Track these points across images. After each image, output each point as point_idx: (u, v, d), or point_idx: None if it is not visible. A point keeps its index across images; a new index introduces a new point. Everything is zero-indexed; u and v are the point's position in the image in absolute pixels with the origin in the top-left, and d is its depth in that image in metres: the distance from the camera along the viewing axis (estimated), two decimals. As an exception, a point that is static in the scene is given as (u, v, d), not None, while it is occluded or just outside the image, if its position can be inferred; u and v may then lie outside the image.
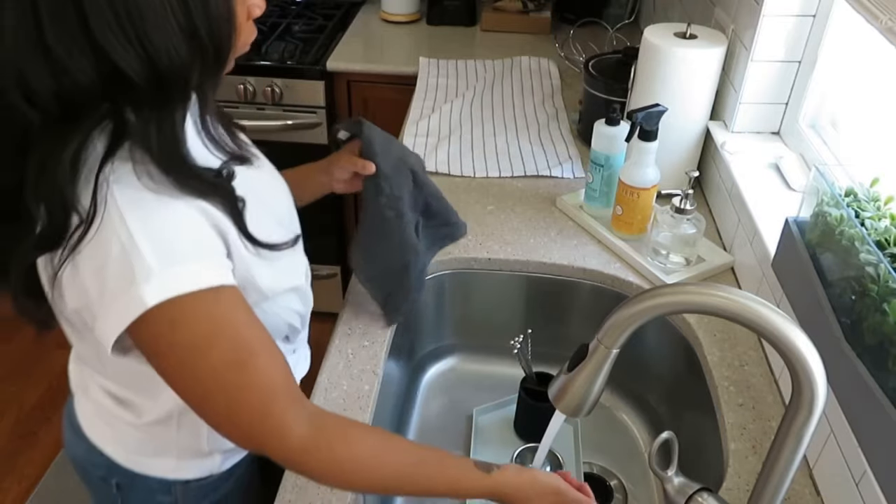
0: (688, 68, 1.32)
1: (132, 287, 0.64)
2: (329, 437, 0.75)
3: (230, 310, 0.71)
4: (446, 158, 1.57)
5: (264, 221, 0.78)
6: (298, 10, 2.40)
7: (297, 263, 0.90)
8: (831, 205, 0.87)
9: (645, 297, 0.66)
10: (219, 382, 0.70)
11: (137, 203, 0.65)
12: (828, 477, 0.89)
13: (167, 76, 0.63)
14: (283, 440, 0.72)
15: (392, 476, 0.79)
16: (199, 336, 0.68)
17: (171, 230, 0.67)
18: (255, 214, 0.75)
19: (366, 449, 0.77)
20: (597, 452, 1.21)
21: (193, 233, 0.68)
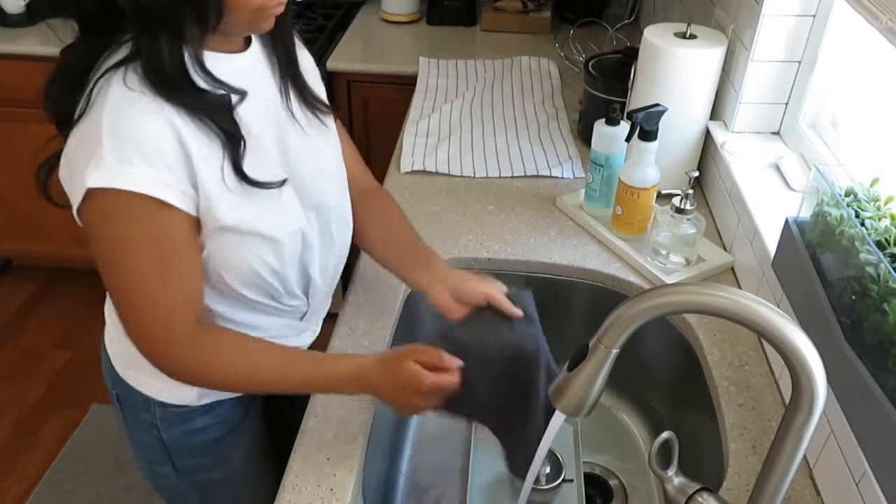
0: (688, 68, 1.32)
1: (85, 169, 0.74)
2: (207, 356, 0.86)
3: (165, 226, 0.79)
4: (446, 158, 1.57)
5: (253, 157, 0.85)
6: (298, 10, 2.40)
7: (278, 215, 0.90)
8: (831, 205, 0.87)
9: (645, 297, 0.66)
10: (136, 283, 0.81)
11: (119, 103, 0.75)
12: (828, 477, 0.89)
13: (148, 13, 0.74)
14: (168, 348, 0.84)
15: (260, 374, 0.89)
16: (127, 235, 0.78)
17: (136, 133, 0.75)
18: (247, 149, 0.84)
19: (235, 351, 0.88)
20: (597, 452, 1.21)
21: (156, 143, 0.76)
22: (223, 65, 0.83)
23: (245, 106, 0.85)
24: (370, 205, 1.11)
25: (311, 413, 0.99)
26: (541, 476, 1.10)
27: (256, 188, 0.85)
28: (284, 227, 0.91)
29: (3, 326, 2.55)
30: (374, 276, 1.23)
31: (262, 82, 0.91)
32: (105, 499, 1.99)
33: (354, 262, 1.29)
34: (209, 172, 0.80)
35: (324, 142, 1.00)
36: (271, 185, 0.87)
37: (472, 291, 0.98)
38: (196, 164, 0.79)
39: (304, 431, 0.97)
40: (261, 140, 0.87)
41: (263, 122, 0.89)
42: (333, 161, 1.02)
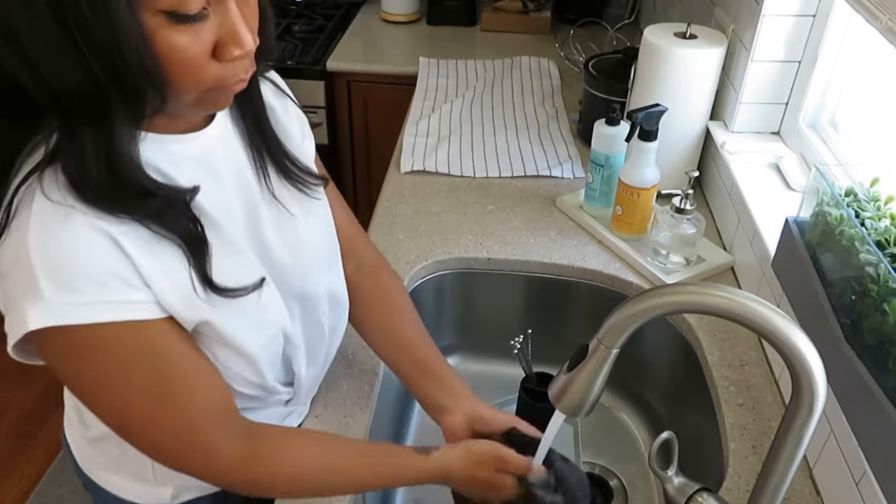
0: (688, 68, 1.32)
1: (25, 304, 0.61)
2: (265, 447, 0.75)
3: (150, 343, 0.67)
4: (446, 158, 1.57)
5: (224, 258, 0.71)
6: (298, 10, 2.40)
7: (253, 322, 0.76)
8: (831, 205, 0.87)
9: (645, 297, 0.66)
10: (136, 415, 0.69)
11: (45, 220, 0.60)
12: (828, 477, 0.89)
13: (67, 98, 0.58)
14: (211, 464, 0.73)
15: (336, 478, 0.80)
16: (110, 369, 0.66)
17: (72, 256, 0.61)
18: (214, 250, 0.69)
19: (306, 455, 0.78)
20: (597, 452, 1.21)
21: (97, 261, 0.62)
22: (176, 148, 0.68)
23: (209, 194, 0.70)
24: (372, 290, 0.98)
25: (311, 413, 0.99)
26: (541, 476, 1.10)
27: (230, 297, 0.71)
28: (259, 338, 0.77)
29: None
30: (374, 276, 1.23)
31: (230, 162, 0.75)
32: (105, 499, 1.99)
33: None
34: (165, 283, 0.66)
35: (311, 221, 0.84)
36: (245, 291, 0.72)
37: (493, 419, 0.90)
38: (145, 273, 0.64)
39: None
40: (230, 233, 0.72)
41: (232, 210, 0.74)
42: (322, 241, 0.88)
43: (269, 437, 0.77)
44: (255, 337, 0.76)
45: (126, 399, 0.67)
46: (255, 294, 0.73)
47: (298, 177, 0.82)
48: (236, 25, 0.61)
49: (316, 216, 0.86)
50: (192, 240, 0.67)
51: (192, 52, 0.59)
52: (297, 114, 0.88)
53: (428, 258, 1.28)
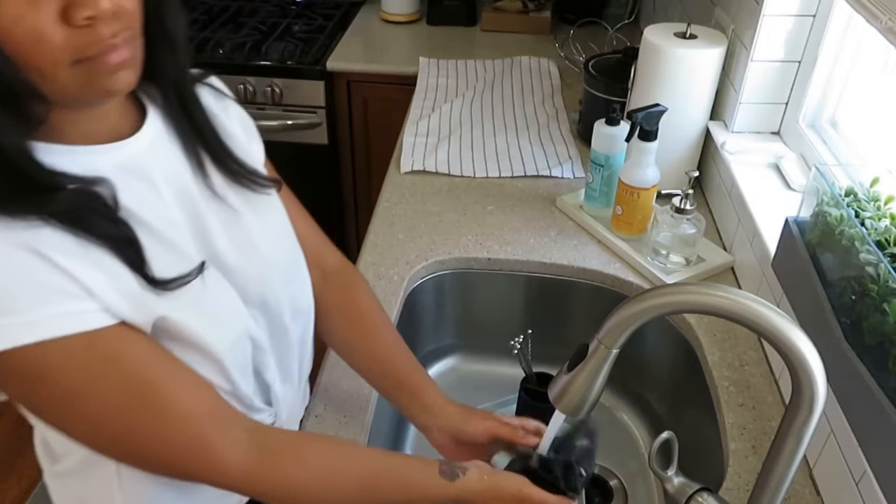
0: (688, 68, 1.32)
1: None
2: (277, 456, 0.70)
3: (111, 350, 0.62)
4: (446, 158, 1.57)
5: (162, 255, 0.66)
6: (298, 10, 2.40)
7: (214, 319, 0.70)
8: (831, 205, 0.87)
9: (645, 297, 0.66)
10: (120, 426, 0.64)
11: None
12: (828, 477, 0.89)
13: None
14: (222, 470, 0.68)
15: (352, 492, 0.75)
16: (76, 385, 0.61)
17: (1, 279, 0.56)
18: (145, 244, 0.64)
19: (322, 465, 0.73)
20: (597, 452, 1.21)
21: (30, 278, 0.57)
22: (98, 159, 0.64)
23: (144, 202, 0.66)
24: (341, 300, 0.93)
25: (311, 413, 0.99)
26: (541, 476, 1.10)
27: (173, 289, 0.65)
28: (225, 338, 0.72)
29: None
30: (373, 275, 1.24)
31: (167, 168, 0.70)
32: (105, 499, 1.99)
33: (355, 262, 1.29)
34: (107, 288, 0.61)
35: (262, 221, 0.78)
36: (187, 278, 0.67)
37: (474, 432, 0.88)
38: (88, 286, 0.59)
39: (305, 431, 0.96)
40: (171, 238, 0.67)
41: (174, 218, 0.69)
42: (278, 243, 0.81)
43: (280, 440, 0.73)
44: (219, 336, 0.70)
45: (100, 414, 0.63)
46: (199, 283, 0.68)
47: (244, 176, 0.77)
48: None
49: (266, 216, 0.80)
50: (120, 241, 0.62)
51: (31, 19, 0.53)
52: (240, 115, 0.84)
53: (428, 258, 1.28)
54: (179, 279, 0.66)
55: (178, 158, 0.72)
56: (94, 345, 0.61)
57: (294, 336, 0.84)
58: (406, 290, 1.23)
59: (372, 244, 1.31)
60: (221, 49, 2.09)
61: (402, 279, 1.23)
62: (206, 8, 2.38)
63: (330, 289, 0.92)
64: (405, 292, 1.22)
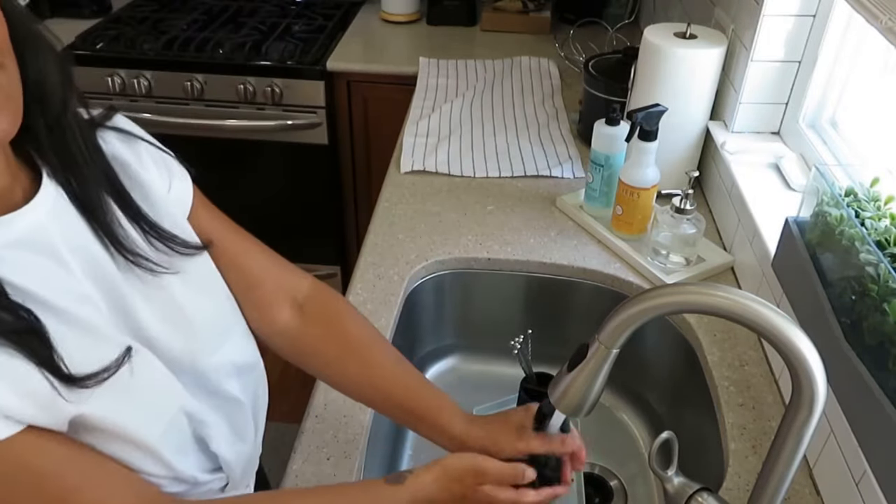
0: (688, 68, 1.32)
1: None
2: None
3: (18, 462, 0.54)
4: (446, 158, 1.57)
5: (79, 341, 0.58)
6: (298, 10, 2.40)
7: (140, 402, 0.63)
8: (831, 205, 0.87)
9: (645, 297, 0.66)
10: None
11: None
12: (828, 477, 0.89)
13: None
14: None
15: None
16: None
17: None
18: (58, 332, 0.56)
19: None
20: (597, 452, 1.21)
21: None
22: None
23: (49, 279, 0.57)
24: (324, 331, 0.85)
25: (311, 413, 0.99)
26: (541, 476, 1.10)
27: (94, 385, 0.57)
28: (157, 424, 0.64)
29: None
30: (373, 275, 1.24)
31: (71, 237, 0.61)
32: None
33: (355, 262, 1.29)
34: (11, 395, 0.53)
35: (187, 280, 0.70)
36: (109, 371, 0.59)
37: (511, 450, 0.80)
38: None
39: (304, 431, 0.97)
40: (84, 318, 0.59)
41: (86, 293, 0.61)
42: (209, 301, 0.74)
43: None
44: (148, 424, 0.63)
45: None
46: (126, 371, 0.60)
47: (162, 242, 0.68)
48: None
49: (190, 273, 0.71)
50: (20, 333, 0.53)
51: None
52: (155, 157, 0.72)
53: (428, 258, 1.28)
54: (101, 372, 0.58)
55: (84, 228, 0.63)
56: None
57: (242, 396, 0.77)
58: (406, 290, 1.23)
59: (372, 244, 1.31)
60: (221, 49, 2.09)
61: (402, 279, 1.23)
62: (206, 8, 2.38)
63: (310, 323, 0.84)
64: (405, 292, 1.22)
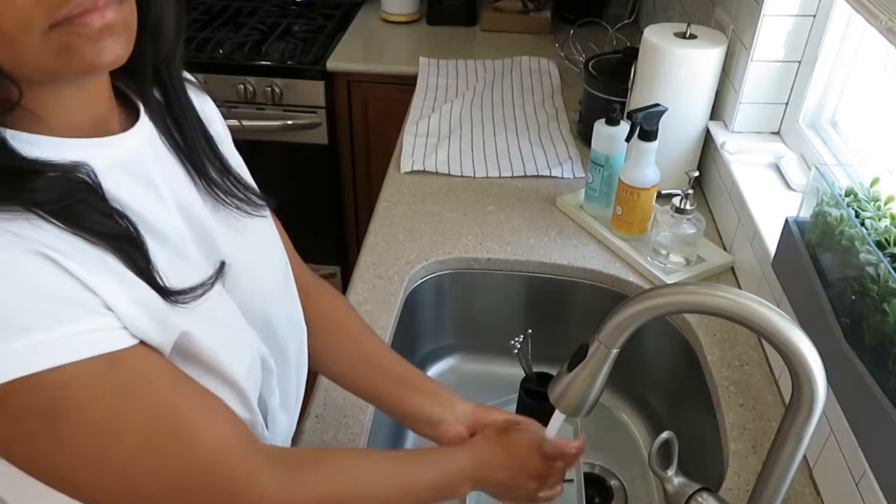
0: (688, 68, 1.32)
1: None
2: (306, 473, 0.65)
3: (135, 376, 0.54)
4: (446, 158, 1.57)
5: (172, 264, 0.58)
6: (298, 10, 2.40)
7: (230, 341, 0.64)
8: (831, 205, 0.87)
9: (645, 297, 0.66)
10: (140, 471, 0.54)
11: None
12: (828, 477, 0.89)
13: None
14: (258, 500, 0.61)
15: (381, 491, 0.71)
16: (98, 418, 0.51)
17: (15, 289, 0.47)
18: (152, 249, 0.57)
19: (351, 475, 0.69)
20: (597, 452, 1.21)
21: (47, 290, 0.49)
22: (92, 153, 0.55)
23: (147, 205, 0.58)
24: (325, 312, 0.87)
25: (311, 413, 0.99)
26: (541, 476, 1.10)
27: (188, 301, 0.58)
28: (242, 359, 0.66)
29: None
30: (373, 275, 1.24)
31: (167, 175, 0.63)
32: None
33: (355, 262, 1.29)
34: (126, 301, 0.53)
35: (261, 237, 0.73)
36: (205, 287, 0.60)
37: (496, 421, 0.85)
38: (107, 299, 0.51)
39: (304, 431, 0.97)
40: (178, 245, 0.61)
41: (178, 227, 0.62)
42: (277, 257, 0.77)
43: (302, 458, 0.69)
44: (237, 359, 0.65)
45: (124, 456, 0.53)
46: (216, 296, 0.62)
47: (241, 192, 0.71)
48: None
49: (262, 230, 0.75)
50: (121, 239, 0.54)
51: None
52: (217, 113, 0.75)
53: (428, 258, 1.28)
54: (197, 287, 0.59)
55: (176, 166, 0.65)
56: (115, 369, 0.52)
57: (291, 357, 0.78)
58: (406, 290, 1.23)
59: (372, 244, 1.31)
60: (221, 49, 2.09)
61: (402, 279, 1.23)
62: (206, 8, 2.37)
63: (311, 304, 0.84)
64: (405, 292, 1.22)
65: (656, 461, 0.78)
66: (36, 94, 0.51)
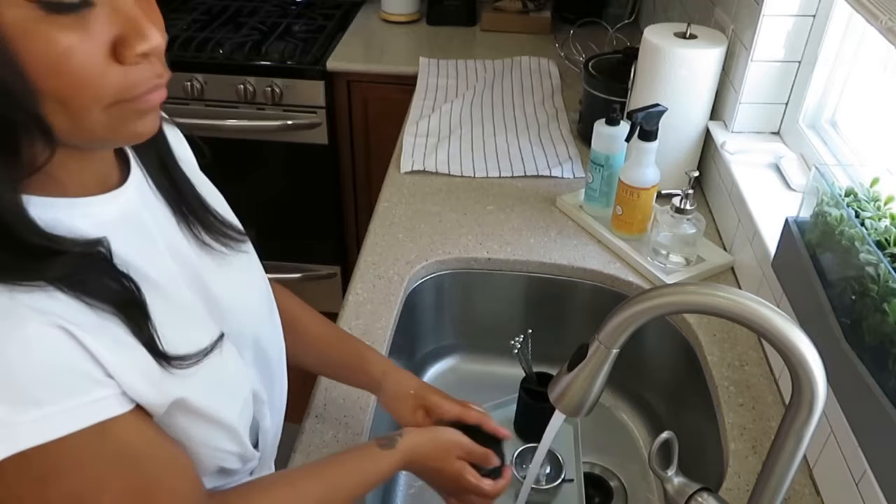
0: (688, 68, 1.32)
1: None
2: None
3: (121, 443, 0.56)
4: (446, 158, 1.57)
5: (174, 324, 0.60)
6: (298, 10, 2.40)
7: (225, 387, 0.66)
8: (831, 205, 0.87)
9: (645, 297, 0.66)
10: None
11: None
12: (828, 477, 0.89)
13: None
14: None
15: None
16: (78, 486, 0.54)
17: (22, 362, 0.48)
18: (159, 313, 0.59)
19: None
20: (597, 452, 1.21)
21: (59, 362, 0.50)
22: (95, 212, 0.57)
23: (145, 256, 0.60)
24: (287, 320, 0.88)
25: (311, 413, 0.99)
26: (541, 476, 1.10)
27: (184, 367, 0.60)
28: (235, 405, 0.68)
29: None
30: (373, 275, 1.24)
31: (157, 218, 0.65)
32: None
33: (355, 262, 1.29)
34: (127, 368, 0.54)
35: (249, 270, 0.77)
36: (205, 353, 0.62)
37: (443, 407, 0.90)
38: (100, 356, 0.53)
39: (304, 431, 0.97)
40: (175, 294, 0.63)
41: (171, 270, 0.64)
42: (261, 280, 0.80)
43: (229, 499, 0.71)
44: (231, 405, 0.67)
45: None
46: (216, 355, 0.64)
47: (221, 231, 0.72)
48: (135, 14, 0.49)
49: (252, 268, 0.78)
50: (127, 304, 0.55)
51: (84, 53, 0.47)
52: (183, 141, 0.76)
53: (428, 258, 1.28)
54: (197, 354, 0.61)
55: (162, 209, 0.67)
56: (105, 438, 0.54)
57: (275, 366, 0.81)
58: (406, 290, 1.23)
59: (372, 244, 1.31)
60: (221, 49, 2.09)
61: (402, 279, 1.23)
62: (206, 8, 2.37)
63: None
64: (405, 292, 1.22)
65: (656, 461, 0.78)
66: (59, 158, 0.51)
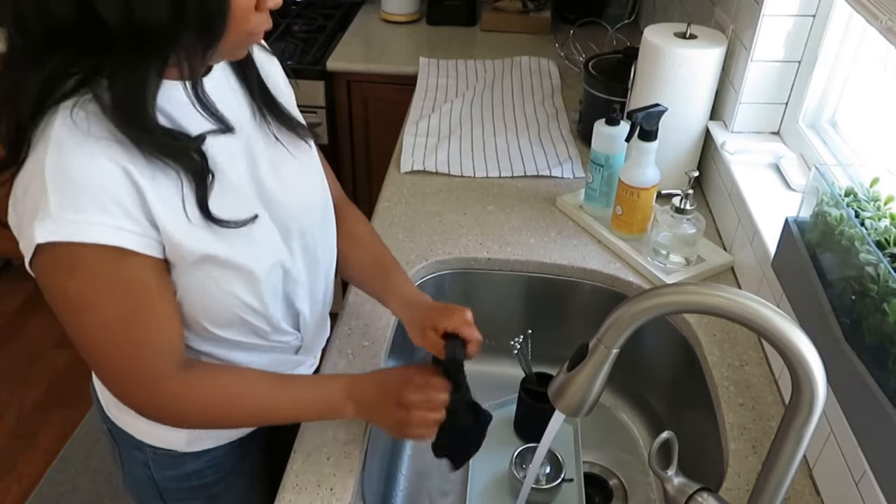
0: (688, 68, 1.32)
1: (33, 221, 0.67)
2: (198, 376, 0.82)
3: (131, 274, 0.72)
4: (446, 158, 1.57)
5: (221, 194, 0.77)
6: (298, 10, 2.40)
7: (252, 248, 0.81)
8: (831, 205, 0.87)
9: (645, 297, 0.66)
10: (99, 336, 0.74)
11: (63, 144, 0.66)
12: (828, 477, 0.89)
13: (143, 33, 0.64)
14: (153, 395, 0.79)
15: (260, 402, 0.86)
16: (89, 291, 0.71)
17: (83, 177, 0.66)
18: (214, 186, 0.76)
19: (231, 382, 0.85)
20: (597, 452, 1.21)
21: (107, 186, 0.67)
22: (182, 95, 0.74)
23: (213, 137, 0.77)
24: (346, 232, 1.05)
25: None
26: (541, 476, 1.10)
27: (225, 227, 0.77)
28: (260, 260, 0.83)
29: (2, 326, 2.54)
30: (374, 276, 1.23)
31: (228, 105, 0.81)
32: (105, 499, 1.99)
33: (354, 262, 1.29)
34: (169, 211, 0.72)
35: (309, 165, 0.93)
36: (238, 224, 0.78)
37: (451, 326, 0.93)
38: (153, 205, 0.70)
39: (304, 431, 0.97)
40: (229, 172, 0.79)
41: (231, 150, 0.80)
42: (319, 185, 0.95)
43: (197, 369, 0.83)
44: (253, 259, 0.81)
45: (96, 322, 0.73)
46: (247, 228, 0.79)
47: (291, 126, 0.89)
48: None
49: (306, 161, 0.92)
50: (196, 172, 0.73)
51: (247, 2, 0.69)
52: (285, 80, 0.95)
53: (428, 258, 1.28)
54: (231, 222, 0.77)
55: (239, 100, 0.83)
56: (121, 263, 0.70)
57: (323, 269, 0.97)
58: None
59: (372, 244, 1.31)
60: (221, 49, 2.09)
61: (402, 279, 1.23)
62: (206, 8, 2.37)
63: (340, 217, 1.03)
64: (405, 292, 1.22)
65: (656, 461, 0.78)
66: None
